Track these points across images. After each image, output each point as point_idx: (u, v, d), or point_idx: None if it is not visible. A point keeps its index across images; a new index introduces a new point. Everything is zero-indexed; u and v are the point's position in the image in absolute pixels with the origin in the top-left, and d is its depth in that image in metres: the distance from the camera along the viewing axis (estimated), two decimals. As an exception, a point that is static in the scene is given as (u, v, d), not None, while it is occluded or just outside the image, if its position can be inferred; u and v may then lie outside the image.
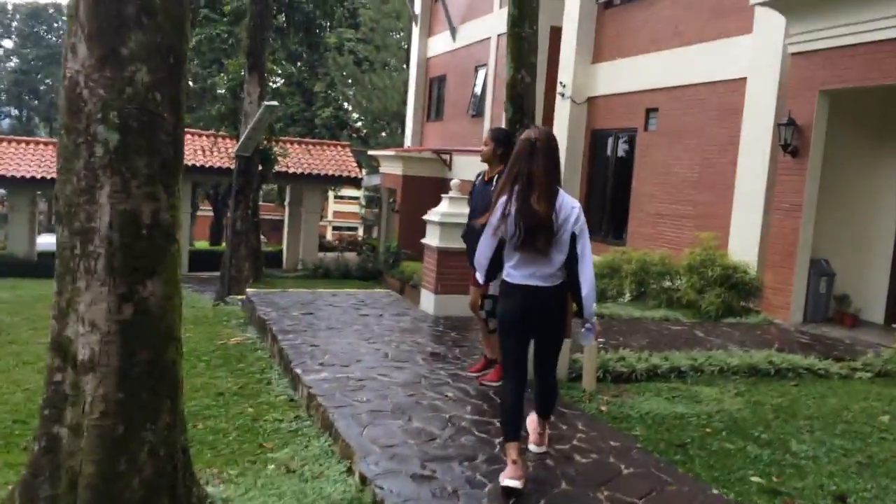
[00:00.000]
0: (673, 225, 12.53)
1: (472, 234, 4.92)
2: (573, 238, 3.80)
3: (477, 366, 5.75)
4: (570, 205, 3.83)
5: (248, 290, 8.89)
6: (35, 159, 22.17)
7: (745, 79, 11.00)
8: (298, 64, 36.66)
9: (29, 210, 22.72)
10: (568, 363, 6.03)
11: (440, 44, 23.31)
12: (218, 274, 20.83)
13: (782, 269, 9.11)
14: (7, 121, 49.81)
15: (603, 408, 5.25)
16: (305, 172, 23.73)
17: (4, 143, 22.73)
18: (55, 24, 49.50)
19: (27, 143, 23.52)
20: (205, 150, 23.24)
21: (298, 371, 5.50)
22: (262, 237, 23.35)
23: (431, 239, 7.79)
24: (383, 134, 33.69)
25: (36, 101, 50.02)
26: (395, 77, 31.85)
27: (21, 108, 49.94)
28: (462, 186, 8.07)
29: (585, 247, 3.85)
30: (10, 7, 48.26)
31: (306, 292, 8.95)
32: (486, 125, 19.47)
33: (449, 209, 7.76)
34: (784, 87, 10.06)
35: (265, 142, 21.16)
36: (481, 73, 20.51)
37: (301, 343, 6.36)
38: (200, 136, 24.03)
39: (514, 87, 8.33)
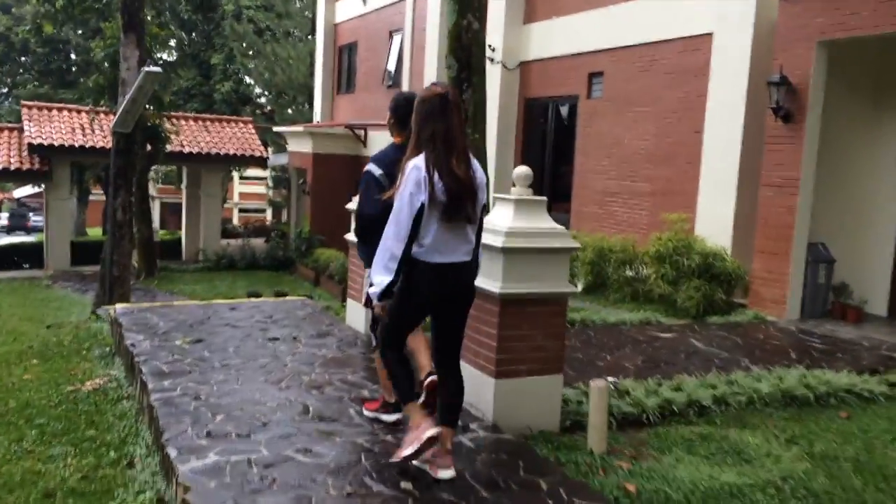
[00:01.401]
0: (625, 204, 11.08)
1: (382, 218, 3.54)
2: (483, 208, 3.50)
3: (374, 404, 4.27)
4: (479, 168, 3.50)
5: (116, 306, 6.84)
6: None
7: (709, 35, 9.57)
8: (193, 34, 33.72)
9: None
10: (559, 407, 4.37)
11: (349, 7, 21.18)
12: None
13: (774, 256, 7.73)
14: None
15: (630, 486, 3.60)
16: (203, 152, 21.26)
17: None
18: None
19: None
20: (84, 127, 20.45)
21: (172, 453, 3.61)
22: (154, 225, 20.80)
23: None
24: (290, 110, 31.21)
25: None
26: (300, 47, 29.42)
27: None
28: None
29: (483, 216, 3.61)
30: None
31: (196, 306, 6.97)
32: (405, 96, 17.61)
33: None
34: (761, 42, 8.68)
35: (156, 119, 18.71)
36: (396, 39, 18.57)
37: (181, 395, 4.44)
38: (79, 112, 21.17)
39: (457, 37, 6.55)
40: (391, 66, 18.63)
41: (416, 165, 3.28)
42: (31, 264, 23.19)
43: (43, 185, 24.54)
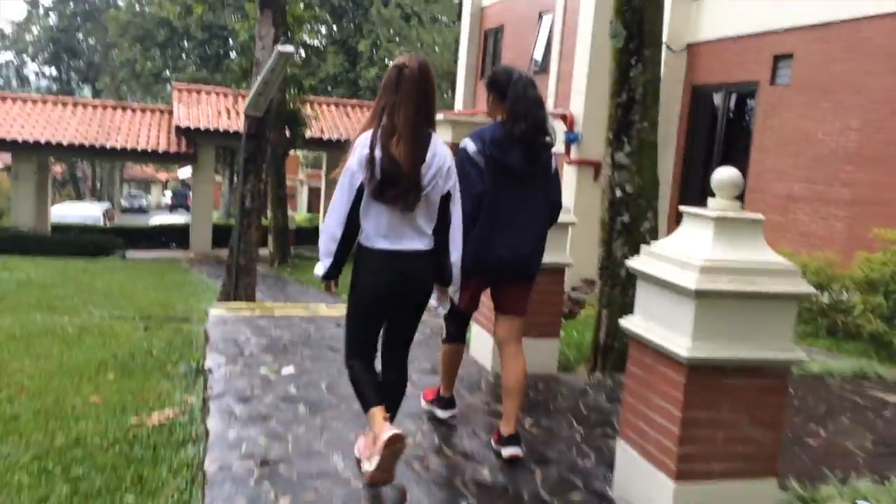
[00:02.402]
0: (815, 213, 9.21)
1: None
2: (447, 199, 3.16)
3: (432, 392, 4.13)
4: (444, 153, 3.13)
5: (211, 312, 5.97)
6: (42, 121, 19.69)
7: (944, 5, 7.59)
8: (343, 20, 33.72)
9: (37, 178, 20.30)
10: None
11: (498, -12, 19.96)
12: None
13: None
14: (45, 81, 47.81)
15: None
16: (342, 138, 20.77)
17: (9, 102, 20.31)
18: (93, -20, 47.03)
19: (45, 101, 20.99)
20: (229, 110, 20.44)
21: (203, 567, 2.53)
22: (301, 210, 20.43)
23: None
24: (433, 96, 30.37)
25: (75, 61, 47.95)
26: (445, 33, 28.55)
27: (59, 67, 47.88)
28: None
29: (457, 206, 3.22)
30: (46, -39, 45.89)
31: (299, 318, 5.98)
32: (552, 83, 16.18)
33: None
34: None
35: (296, 103, 18.35)
36: (546, 20, 17.17)
37: (245, 457, 3.38)
38: (226, 95, 21.23)
39: (627, -5, 5.14)
40: (539, 51, 17.25)
41: (362, 141, 3.07)
42: (177, 245, 23.72)
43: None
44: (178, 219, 29.58)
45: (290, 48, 11.03)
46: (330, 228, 3.09)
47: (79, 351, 5.79)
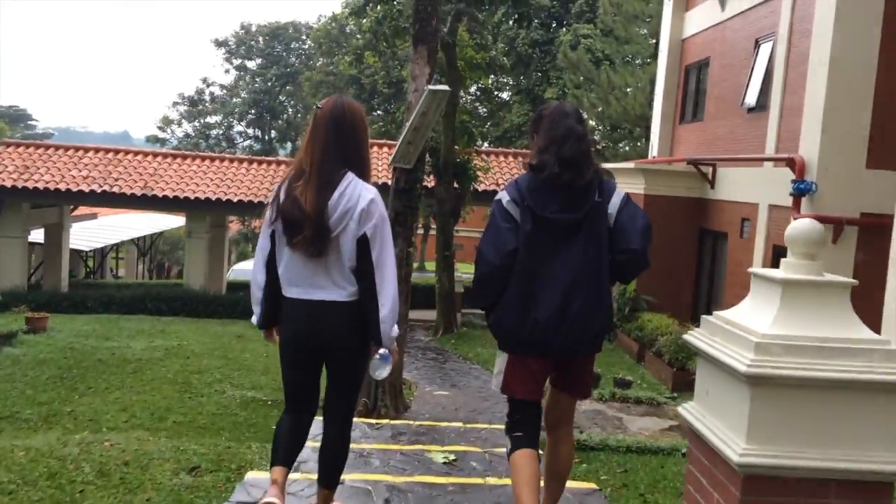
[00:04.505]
0: None
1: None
2: (366, 243, 2.95)
3: None
4: (357, 194, 2.94)
5: (246, 476, 3.79)
6: (217, 178, 19.38)
7: None
8: (529, 68, 32.25)
9: (210, 236, 19.96)
10: None
11: (702, 17, 17.14)
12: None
13: None
14: (248, 141, 50.52)
15: None
16: (518, 192, 18.64)
17: (188, 161, 20.29)
18: (293, 44, 49.34)
19: (221, 160, 20.91)
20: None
21: None
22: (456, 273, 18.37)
23: (715, 427, 2.25)
24: (623, 144, 27.64)
25: (276, 121, 50.36)
26: (638, 73, 25.80)
27: (262, 127, 50.45)
28: (814, 232, 2.43)
29: (383, 253, 2.99)
30: (253, 28, 48.81)
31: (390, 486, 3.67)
32: (773, 122, 13.04)
33: (778, 328, 2.19)
34: None
35: (465, 154, 16.56)
36: (765, 48, 14.11)
37: None
38: (389, 147, 19.94)
39: None
40: (755, 84, 14.15)
41: (277, 186, 3.12)
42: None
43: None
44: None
45: (443, 87, 9.06)
46: (254, 275, 3.11)
47: (59, 522, 3.85)
